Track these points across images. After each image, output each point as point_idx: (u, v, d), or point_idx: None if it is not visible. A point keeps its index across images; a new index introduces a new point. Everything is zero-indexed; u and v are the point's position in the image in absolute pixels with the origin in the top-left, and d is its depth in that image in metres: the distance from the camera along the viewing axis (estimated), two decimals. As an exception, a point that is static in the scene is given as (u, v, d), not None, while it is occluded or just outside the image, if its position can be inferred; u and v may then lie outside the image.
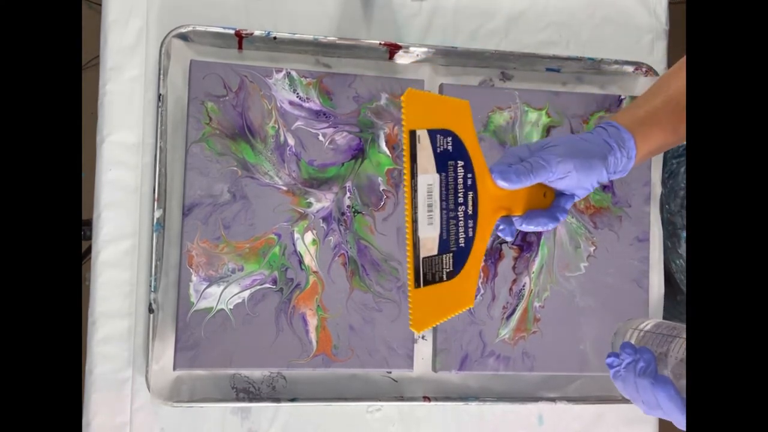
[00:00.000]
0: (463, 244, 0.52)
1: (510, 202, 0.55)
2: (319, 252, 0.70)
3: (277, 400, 0.69)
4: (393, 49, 0.73)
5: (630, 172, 0.76)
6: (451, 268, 0.52)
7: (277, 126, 0.70)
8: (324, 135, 0.71)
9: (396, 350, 0.71)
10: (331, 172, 0.71)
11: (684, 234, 0.77)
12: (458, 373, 0.73)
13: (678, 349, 0.51)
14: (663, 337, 0.53)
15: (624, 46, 0.81)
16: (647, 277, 0.77)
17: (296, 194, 0.70)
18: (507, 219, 0.56)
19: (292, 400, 0.70)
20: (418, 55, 0.74)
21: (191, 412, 0.70)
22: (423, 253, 0.50)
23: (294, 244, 0.70)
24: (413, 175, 0.49)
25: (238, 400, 0.70)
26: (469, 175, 0.52)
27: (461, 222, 0.52)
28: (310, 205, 0.71)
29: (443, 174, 0.51)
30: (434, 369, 0.73)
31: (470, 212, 0.52)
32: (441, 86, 0.75)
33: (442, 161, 0.51)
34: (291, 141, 0.71)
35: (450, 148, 0.51)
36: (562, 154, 0.54)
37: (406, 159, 0.49)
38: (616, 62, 0.78)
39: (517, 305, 0.74)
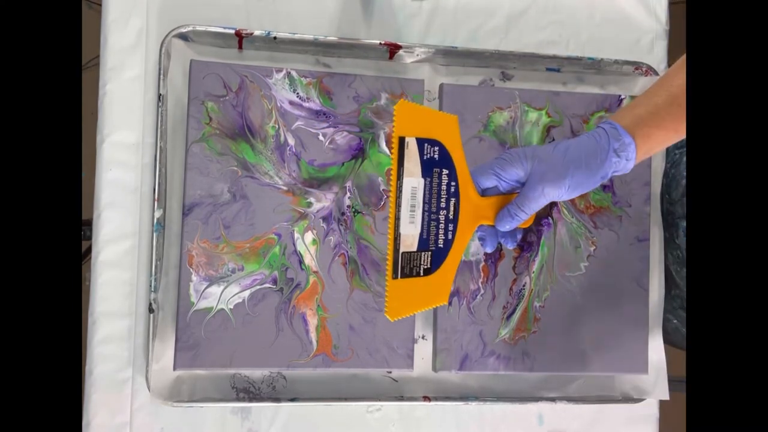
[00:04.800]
0: (441, 245, 0.55)
1: (490, 212, 0.58)
2: (319, 252, 0.70)
3: (277, 400, 0.70)
4: (393, 49, 0.73)
5: (629, 172, 0.77)
6: (429, 266, 0.55)
7: (277, 126, 0.70)
8: (324, 135, 0.71)
9: (396, 350, 0.71)
10: (331, 171, 0.71)
11: (682, 224, 0.77)
12: (458, 372, 0.73)
13: None
14: None
15: (624, 46, 0.81)
16: (647, 276, 0.77)
17: (296, 194, 0.70)
18: (490, 230, 0.58)
19: (292, 400, 0.70)
20: (418, 55, 0.74)
21: (191, 412, 0.70)
22: (403, 248, 0.54)
23: (294, 244, 0.70)
24: (399, 176, 0.53)
25: (238, 400, 0.70)
26: (453, 183, 0.55)
27: (441, 225, 0.55)
28: (310, 204, 0.70)
29: (428, 179, 0.54)
30: (434, 369, 0.73)
31: (451, 217, 0.55)
32: (441, 86, 0.75)
33: (427, 167, 0.54)
34: (291, 141, 0.71)
35: (436, 156, 0.54)
36: (552, 180, 0.55)
37: (394, 162, 0.53)
38: (616, 62, 0.78)
39: (517, 305, 0.74)
